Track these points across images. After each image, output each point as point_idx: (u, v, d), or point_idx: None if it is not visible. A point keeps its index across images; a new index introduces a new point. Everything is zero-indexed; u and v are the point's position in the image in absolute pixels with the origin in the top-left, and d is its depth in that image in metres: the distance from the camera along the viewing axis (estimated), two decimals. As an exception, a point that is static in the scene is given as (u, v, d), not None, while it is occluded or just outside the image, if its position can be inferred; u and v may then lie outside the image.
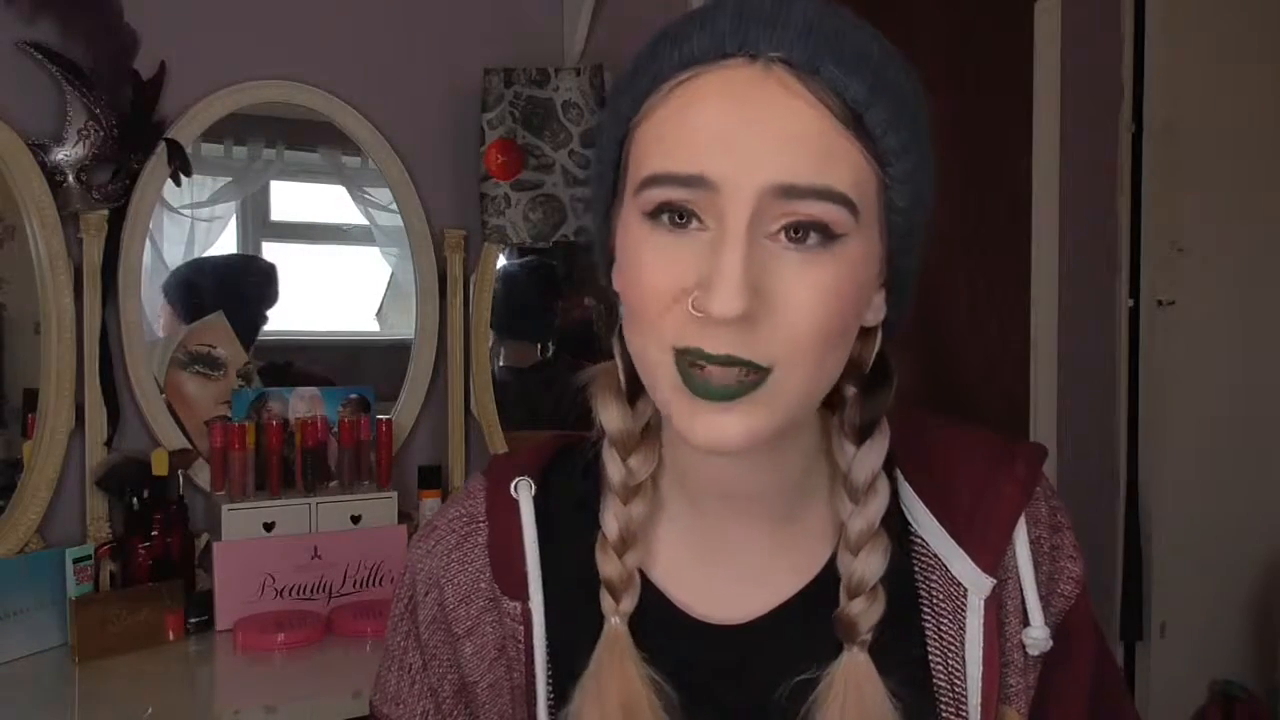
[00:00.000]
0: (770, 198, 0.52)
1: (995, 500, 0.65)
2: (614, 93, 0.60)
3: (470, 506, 0.69)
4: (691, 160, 0.53)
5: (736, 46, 0.53)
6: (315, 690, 1.37)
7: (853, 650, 0.61)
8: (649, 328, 0.55)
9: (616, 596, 0.63)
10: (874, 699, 0.60)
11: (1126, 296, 2.56)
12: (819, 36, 0.53)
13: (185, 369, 1.70)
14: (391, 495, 1.69)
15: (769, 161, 0.52)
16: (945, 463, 0.67)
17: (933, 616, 0.64)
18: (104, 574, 1.49)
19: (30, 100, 1.53)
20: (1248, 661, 2.61)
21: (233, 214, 1.85)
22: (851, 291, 0.55)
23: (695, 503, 0.66)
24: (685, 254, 0.54)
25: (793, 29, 0.53)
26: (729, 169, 0.52)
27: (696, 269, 0.53)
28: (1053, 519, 0.68)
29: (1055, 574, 0.68)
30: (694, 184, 0.53)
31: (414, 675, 0.69)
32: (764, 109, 0.52)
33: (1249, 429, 2.62)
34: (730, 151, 0.52)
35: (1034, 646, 0.65)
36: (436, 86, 1.89)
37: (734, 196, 0.52)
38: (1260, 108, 2.60)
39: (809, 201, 0.52)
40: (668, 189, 0.53)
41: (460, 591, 0.67)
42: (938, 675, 0.64)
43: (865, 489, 0.62)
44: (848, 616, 0.61)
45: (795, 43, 0.53)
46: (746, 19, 0.54)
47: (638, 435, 0.64)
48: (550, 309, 2.10)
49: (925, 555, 0.65)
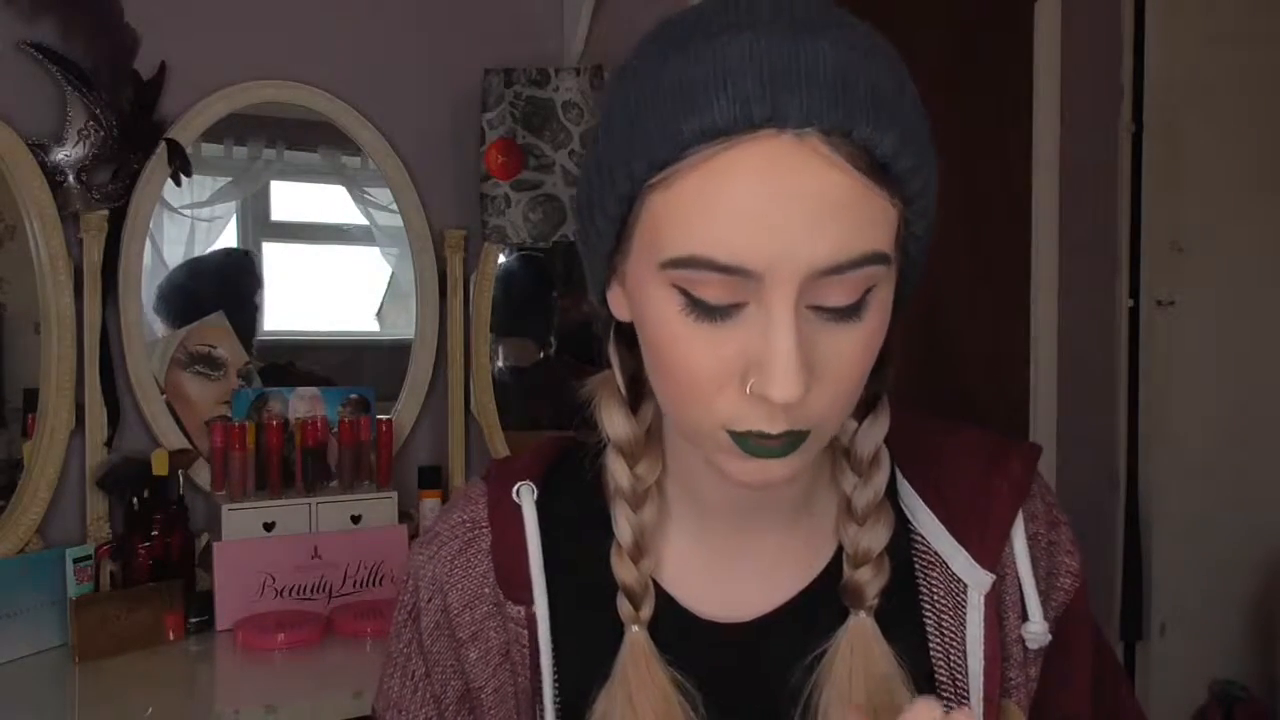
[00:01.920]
0: (812, 279, 0.51)
1: (993, 498, 0.66)
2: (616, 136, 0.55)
3: (472, 512, 0.69)
4: (730, 250, 0.50)
5: (766, 116, 0.49)
6: (315, 690, 1.37)
7: (859, 615, 0.62)
8: (698, 407, 0.55)
9: (636, 603, 0.63)
10: (882, 659, 0.61)
11: (1126, 296, 2.56)
12: (849, 94, 0.50)
13: (185, 369, 1.70)
14: (391, 495, 1.69)
15: (811, 244, 0.50)
16: (943, 462, 0.68)
17: (934, 613, 0.65)
18: (104, 574, 1.49)
19: (30, 100, 1.54)
20: (1248, 661, 2.61)
21: (233, 214, 1.85)
22: (882, 331, 0.56)
23: (702, 507, 0.66)
24: (730, 338, 0.53)
25: (821, 88, 0.50)
26: (771, 258, 0.50)
27: (744, 352, 0.52)
28: (1049, 514, 0.70)
29: (1054, 568, 0.69)
30: (734, 272, 0.51)
31: (417, 682, 0.69)
32: (800, 186, 0.50)
33: (1249, 429, 2.62)
34: (771, 240, 0.50)
35: (1033, 641, 0.66)
36: (436, 86, 1.89)
37: (778, 283, 0.51)
38: (1260, 108, 2.60)
39: (850, 273, 0.51)
40: (703, 273, 0.51)
41: (464, 597, 0.67)
42: (939, 670, 0.64)
43: (869, 462, 0.64)
44: (854, 583, 0.63)
45: (826, 106, 0.50)
46: (773, 82, 0.50)
47: (643, 441, 0.64)
48: (549, 306, 2.10)
49: (925, 553, 0.66)
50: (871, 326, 0.54)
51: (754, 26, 0.51)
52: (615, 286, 0.60)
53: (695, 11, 0.55)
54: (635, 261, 0.56)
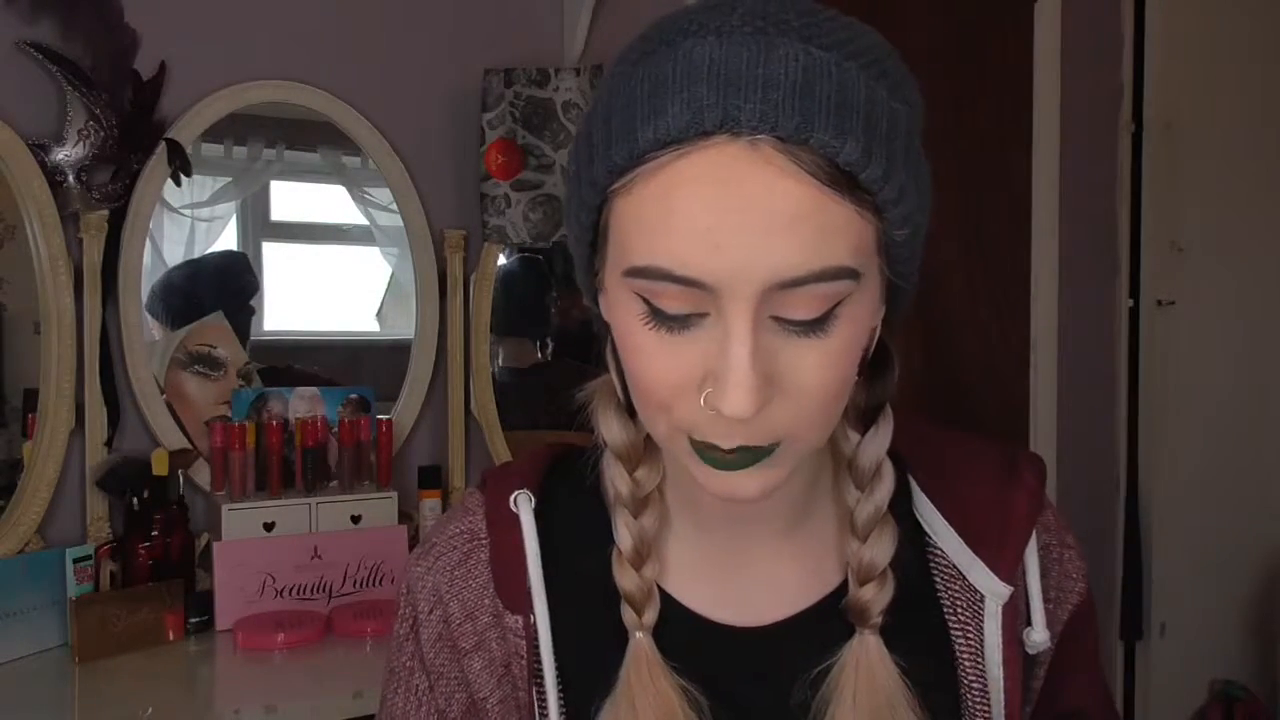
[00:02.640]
0: (771, 292, 0.50)
1: (1010, 511, 0.66)
2: (588, 141, 0.55)
3: (470, 523, 0.68)
4: (684, 262, 0.50)
5: (717, 123, 0.48)
6: (315, 690, 1.37)
7: (863, 634, 0.62)
8: (659, 411, 0.55)
9: (639, 610, 0.62)
10: (886, 679, 0.61)
11: (1126, 296, 2.56)
12: (805, 98, 0.48)
13: (185, 369, 1.70)
14: (391, 495, 1.69)
15: (765, 258, 0.49)
16: (955, 473, 0.68)
17: (959, 624, 0.65)
18: (104, 574, 1.49)
19: (30, 100, 1.54)
20: (1248, 661, 2.61)
21: (233, 214, 1.85)
22: (856, 346, 0.54)
23: (699, 514, 0.66)
24: (691, 348, 0.52)
25: (777, 91, 0.48)
26: (724, 272, 0.49)
27: (703, 361, 0.52)
28: (1058, 524, 0.71)
29: (1065, 575, 0.70)
30: (690, 284, 0.50)
31: (420, 697, 0.68)
32: (753, 197, 0.49)
33: (1249, 429, 2.62)
34: (723, 253, 0.49)
35: (1033, 647, 0.67)
36: (436, 86, 1.89)
37: (733, 297, 0.50)
38: (1260, 108, 2.60)
39: (810, 287, 0.50)
40: (661, 284, 0.51)
41: (465, 607, 0.66)
42: (971, 679, 0.65)
43: (871, 475, 0.63)
44: (858, 601, 0.62)
45: (781, 111, 0.48)
46: (726, 86, 0.48)
47: (642, 447, 0.64)
48: (548, 307, 2.10)
49: (945, 565, 0.66)
50: (840, 341, 0.52)
51: (720, 31, 0.50)
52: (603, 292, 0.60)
53: (678, 14, 0.54)
54: (607, 268, 0.56)
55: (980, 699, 0.64)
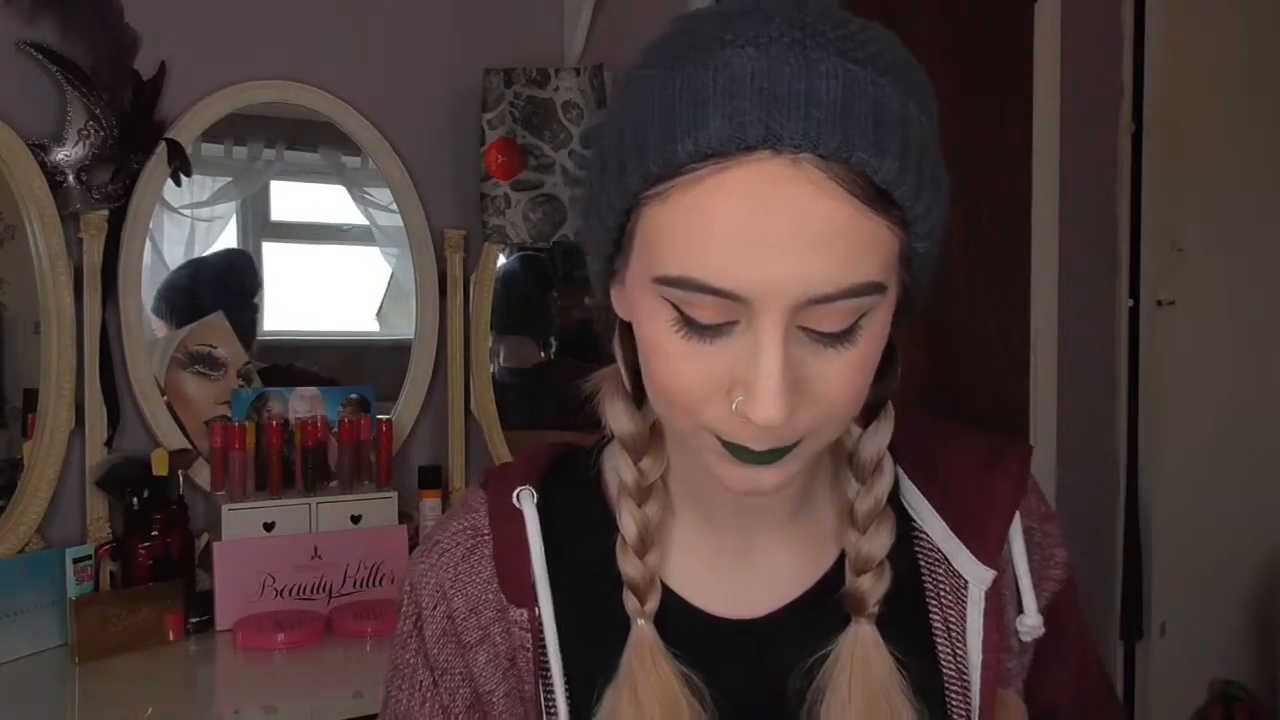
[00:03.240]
0: (803, 306, 0.51)
1: (994, 497, 0.67)
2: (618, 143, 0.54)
3: (473, 520, 0.69)
4: (719, 274, 0.50)
5: (760, 138, 0.49)
6: (315, 690, 1.37)
7: (860, 623, 0.63)
8: (687, 415, 0.56)
9: (641, 597, 0.63)
10: (881, 668, 0.62)
11: (1126, 296, 2.55)
12: (846, 117, 0.49)
13: (185, 369, 1.70)
14: (391, 495, 1.69)
15: (800, 274, 0.50)
16: (944, 462, 0.69)
17: (940, 609, 0.67)
18: (104, 574, 1.49)
19: (30, 100, 1.54)
20: (1248, 661, 2.61)
21: (233, 214, 1.85)
22: (877, 353, 0.56)
23: (703, 505, 0.67)
24: (720, 355, 0.53)
25: (820, 109, 0.49)
26: (759, 285, 0.50)
27: (732, 368, 0.53)
28: (1041, 509, 0.72)
29: (1046, 560, 0.71)
30: (724, 295, 0.51)
31: (424, 693, 0.69)
32: (793, 214, 0.49)
33: (1249, 429, 2.62)
34: (759, 266, 0.50)
35: (1028, 634, 0.68)
36: (436, 86, 1.89)
37: (765, 310, 0.51)
38: (1260, 108, 2.60)
39: (842, 303, 0.51)
40: (694, 294, 0.52)
41: (470, 602, 0.67)
42: (945, 664, 0.66)
43: (872, 469, 0.64)
44: (856, 591, 0.63)
45: (824, 130, 0.49)
46: (769, 102, 0.49)
47: (647, 437, 0.64)
48: (548, 306, 2.10)
49: (929, 550, 0.67)
50: (864, 350, 0.54)
51: (759, 42, 0.50)
52: (617, 286, 0.60)
53: (708, 19, 0.54)
54: (633, 270, 0.56)
55: (958, 684, 0.65)
